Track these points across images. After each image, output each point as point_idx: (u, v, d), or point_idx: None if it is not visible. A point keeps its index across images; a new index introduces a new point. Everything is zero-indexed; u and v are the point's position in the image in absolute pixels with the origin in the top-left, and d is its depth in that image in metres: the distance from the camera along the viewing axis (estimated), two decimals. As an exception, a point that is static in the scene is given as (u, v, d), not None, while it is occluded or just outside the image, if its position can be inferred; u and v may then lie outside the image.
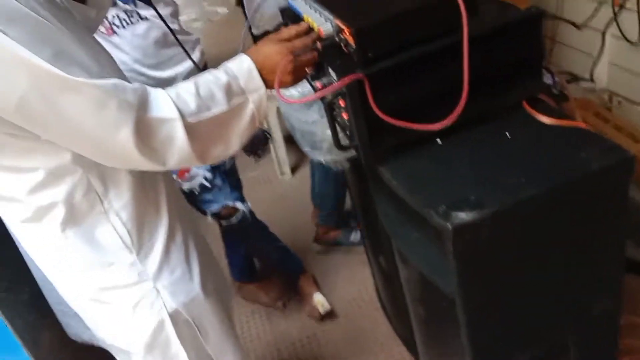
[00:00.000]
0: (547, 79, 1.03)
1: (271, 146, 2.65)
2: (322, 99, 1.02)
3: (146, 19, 1.44)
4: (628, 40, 1.78)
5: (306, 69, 0.99)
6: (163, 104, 0.84)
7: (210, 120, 0.88)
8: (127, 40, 1.43)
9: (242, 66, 0.93)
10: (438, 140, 0.98)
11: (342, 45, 0.94)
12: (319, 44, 0.96)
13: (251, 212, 1.83)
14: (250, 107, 0.93)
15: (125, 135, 0.79)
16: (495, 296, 0.91)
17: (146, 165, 0.84)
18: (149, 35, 1.45)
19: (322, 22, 1.01)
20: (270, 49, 0.95)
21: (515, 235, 0.85)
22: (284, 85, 0.96)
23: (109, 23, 1.41)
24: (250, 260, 2.15)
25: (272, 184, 2.72)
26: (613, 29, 1.85)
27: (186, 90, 0.88)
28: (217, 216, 1.82)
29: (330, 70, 0.97)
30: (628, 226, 0.92)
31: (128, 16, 1.43)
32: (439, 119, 0.94)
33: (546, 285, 0.93)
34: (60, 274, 0.97)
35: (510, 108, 0.99)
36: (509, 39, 0.92)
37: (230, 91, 0.90)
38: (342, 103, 0.96)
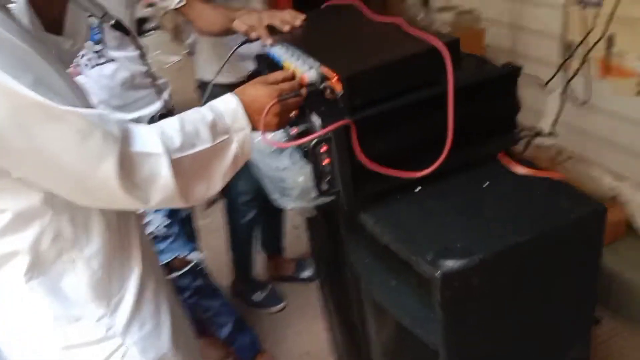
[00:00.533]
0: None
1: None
2: (301, 144, 1.02)
3: (114, 60, 1.41)
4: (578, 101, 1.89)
5: (291, 114, 0.99)
6: (147, 139, 0.81)
7: (194, 157, 0.85)
8: (94, 80, 1.38)
9: (228, 105, 0.91)
10: (418, 188, 0.99)
11: (328, 91, 0.95)
12: (303, 90, 0.95)
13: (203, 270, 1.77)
14: (234, 147, 0.91)
15: (108, 169, 0.75)
16: (479, 345, 0.90)
17: (128, 202, 0.80)
18: (116, 76, 1.42)
19: (305, 69, 1.01)
20: (258, 91, 0.94)
21: (501, 283, 0.86)
22: (269, 128, 0.96)
23: (76, 62, 1.37)
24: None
25: (223, 232, 2.65)
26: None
27: (171, 126, 0.85)
28: (167, 267, 1.74)
29: (314, 116, 0.96)
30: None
31: (97, 56, 1.39)
32: (419, 167, 0.96)
33: (526, 332, 0.94)
34: (21, 331, 0.88)
35: (486, 159, 1.02)
36: (487, 93, 0.96)
37: (215, 129, 0.88)
38: (323, 148, 0.96)
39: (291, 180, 1.29)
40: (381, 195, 0.98)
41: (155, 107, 1.46)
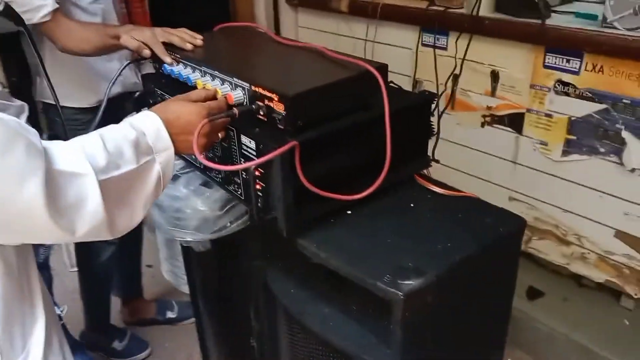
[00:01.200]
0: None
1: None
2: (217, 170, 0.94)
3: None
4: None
5: (219, 135, 0.91)
6: (72, 156, 0.69)
7: (119, 179, 0.74)
8: None
9: (149, 123, 0.81)
10: (349, 211, 0.98)
11: (261, 112, 0.89)
12: (235, 110, 0.88)
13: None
14: (157, 169, 0.81)
15: (33, 190, 0.62)
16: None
17: (51, 233, 0.66)
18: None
19: (226, 89, 0.95)
20: (182, 108, 0.85)
21: (450, 298, 0.88)
22: (199, 149, 0.86)
23: None
24: None
25: (61, 277, 2.31)
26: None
27: (92, 144, 0.73)
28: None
29: (246, 138, 0.90)
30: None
31: None
32: (351, 190, 0.95)
33: (460, 346, 0.97)
34: None
35: (405, 181, 1.06)
36: (409, 117, 1.00)
37: (138, 148, 0.78)
38: (257, 172, 0.90)
39: (190, 211, 1.18)
40: (316, 220, 0.94)
41: None
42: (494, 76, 1.83)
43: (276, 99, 0.85)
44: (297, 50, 1.07)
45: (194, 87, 1.01)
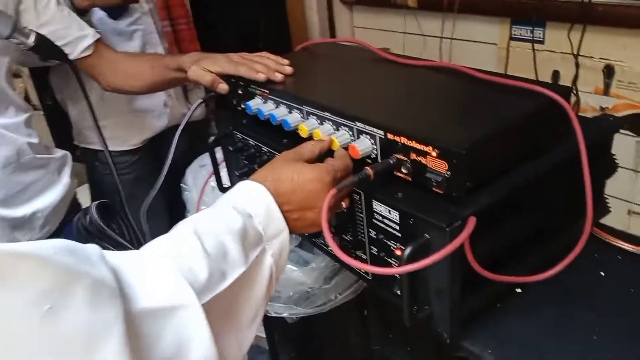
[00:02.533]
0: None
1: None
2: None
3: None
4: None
5: (343, 203, 0.66)
6: (161, 279, 0.47)
7: (224, 294, 0.51)
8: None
9: (256, 199, 0.58)
10: (518, 289, 0.72)
11: (403, 170, 0.63)
12: (369, 170, 0.63)
13: None
14: (268, 263, 0.57)
15: (110, 354, 0.39)
16: None
17: None
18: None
19: (343, 136, 0.69)
20: (299, 176, 0.61)
21: None
22: (320, 224, 0.62)
23: None
24: None
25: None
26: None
27: (186, 248, 0.51)
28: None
29: (381, 206, 0.64)
30: None
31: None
32: (522, 261, 0.69)
33: None
34: None
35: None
36: (592, 154, 0.73)
37: (246, 240, 0.55)
38: (399, 252, 0.65)
39: (285, 281, 0.94)
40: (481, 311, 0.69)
41: (56, 194, 0.99)
42: (608, 71, 1.53)
43: (434, 154, 0.59)
44: (428, 73, 0.80)
45: (293, 133, 0.76)
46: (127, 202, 1.13)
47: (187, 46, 1.59)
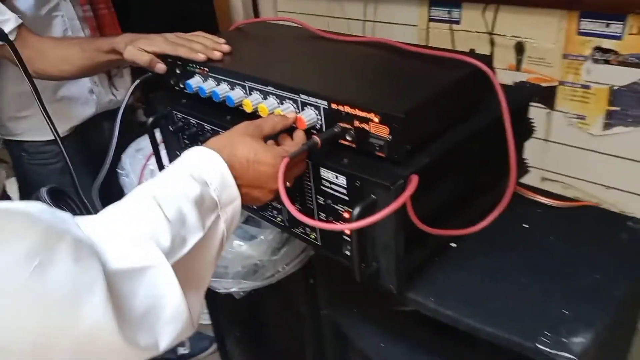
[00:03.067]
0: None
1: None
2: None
3: None
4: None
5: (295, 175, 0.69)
6: (130, 242, 0.49)
7: (185, 259, 0.53)
8: None
9: (211, 167, 0.60)
10: (453, 244, 0.79)
11: (347, 137, 0.68)
12: (317, 138, 0.66)
13: None
14: (221, 229, 0.60)
15: (97, 309, 0.42)
16: None
17: (130, 355, 0.46)
18: None
19: (287, 109, 0.72)
20: (255, 155, 0.63)
21: (606, 354, 0.70)
22: (265, 201, 0.65)
23: None
24: None
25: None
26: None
27: (149, 215, 0.53)
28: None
29: (329, 173, 0.68)
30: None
31: None
32: (458, 218, 0.76)
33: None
34: None
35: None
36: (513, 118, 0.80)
37: (202, 207, 0.57)
38: (347, 215, 0.69)
39: (230, 258, 0.96)
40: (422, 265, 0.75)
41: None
42: (519, 48, 1.65)
43: (376, 120, 0.63)
44: (362, 48, 0.84)
45: (236, 109, 0.78)
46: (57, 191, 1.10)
47: (109, 31, 1.54)
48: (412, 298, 0.71)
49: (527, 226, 0.81)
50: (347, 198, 0.68)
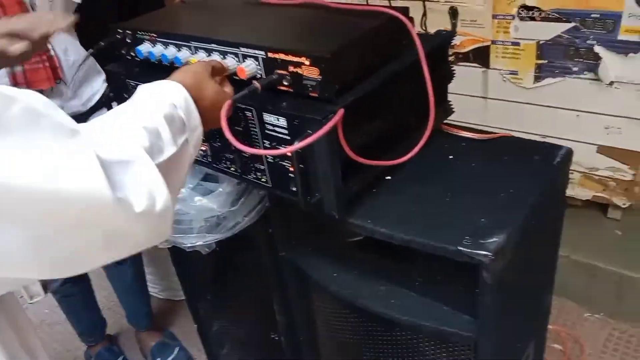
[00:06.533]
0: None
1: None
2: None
3: None
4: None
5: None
6: (111, 139, 0.56)
7: (161, 167, 0.59)
8: None
9: (175, 92, 0.66)
10: (388, 177, 0.89)
11: (284, 82, 0.76)
12: (257, 84, 0.75)
13: None
14: (190, 152, 0.67)
15: (103, 186, 0.49)
16: (508, 323, 0.85)
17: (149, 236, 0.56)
18: None
19: (230, 62, 0.81)
20: (210, 82, 0.71)
21: (524, 248, 0.81)
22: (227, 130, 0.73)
23: None
24: None
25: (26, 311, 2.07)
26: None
27: (128, 122, 0.60)
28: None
29: (271, 116, 0.77)
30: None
31: None
32: (388, 152, 0.86)
33: (529, 297, 0.92)
34: None
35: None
36: (432, 62, 0.90)
37: (173, 126, 0.64)
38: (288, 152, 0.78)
39: (194, 212, 1.04)
40: (359, 193, 0.84)
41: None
42: (453, 13, 1.77)
43: (307, 63, 0.72)
44: (297, 8, 0.93)
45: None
46: None
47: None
48: (352, 222, 0.81)
49: (452, 157, 0.92)
50: (289, 137, 0.77)
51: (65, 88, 1.27)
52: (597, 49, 1.54)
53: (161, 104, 0.63)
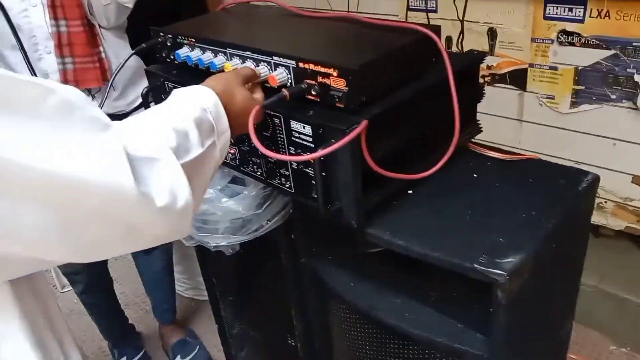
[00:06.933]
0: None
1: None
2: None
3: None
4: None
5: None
6: (140, 136, 0.58)
7: (187, 168, 0.62)
8: None
9: (207, 97, 0.70)
10: (410, 190, 0.90)
11: (312, 92, 0.79)
12: (285, 92, 0.78)
13: None
14: (216, 155, 0.70)
15: (129, 179, 0.52)
16: (522, 344, 0.84)
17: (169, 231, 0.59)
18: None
19: (262, 70, 0.84)
20: (237, 90, 0.75)
21: (543, 270, 0.81)
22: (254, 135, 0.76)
23: None
24: None
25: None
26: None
27: (158, 122, 0.63)
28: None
29: (297, 124, 0.80)
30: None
31: None
32: (412, 167, 0.87)
33: (547, 319, 0.91)
34: None
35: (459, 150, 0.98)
36: (461, 81, 0.91)
37: (202, 128, 0.67)
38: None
39: (221, 213, 1.07)
40: (380, 205, 0.86)
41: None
42: (492, 34, 1.77)
43: (335, 74, 0.74)
44: (331, 21, 0.96)
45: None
46: None
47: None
48: (371, 232, 0.82)
49: (476, 176, 0.92)
50: (313, 145, 0.79)
51: (112, 89, 1.34)
52: (637, 77, 1.51)
53: (192, 107, 0.67)
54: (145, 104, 1.03)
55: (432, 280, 0.90)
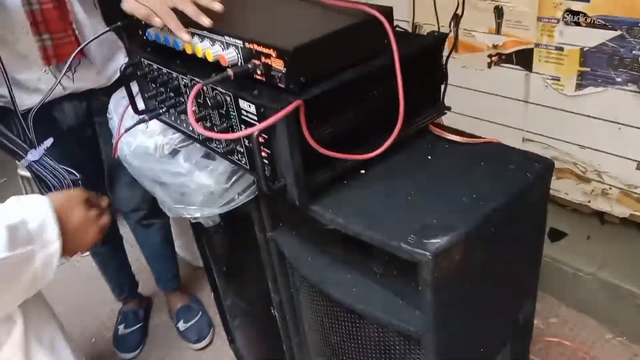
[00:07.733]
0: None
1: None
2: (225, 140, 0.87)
3: None
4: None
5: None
6: None
7: None
8: None
9: (36, 209, 0.77)
10: (362, 170, 0.92)
11: (258, 72, 0.81)
12: (230, 71, 0.81)
13: None
14: (36, 264, 0.76)
15: None
16: (459, 323, 0.86)
17: None
18: None
19: (216, 49, 0.87)
20: (80, 209, 0.87)
21: (479, 252, 0.82)
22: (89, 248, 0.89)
23: None
24: None
25: (72, 264, 2.28)
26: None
27: None
28: None
29: (244, 103, 0.83)
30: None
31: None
32: (364, 148, 0.88)
33: (492, 300, 0.92)
34: None
35: (418, 132, 0.98)
36: (420, 63, 0.92)
37: (16, 235, 0.73)
38: (261, 139, 0.83)
39: (195, 186, 1.12)
40: (327, 184, 0.88)
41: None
42: (498, 12, 1.73)
43: (274, 54, 0.77)
44: (294, 3, 0.97)
45: (183, 52, 0.93)
46: None
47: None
48: (314, 209, 0.85)
49: (431, 158, 0.93)
50: (257, 124, 0.82)
51: (91, 64, 1.39)
52: (643, 59, 1.46)
53: (14, 214, 0.74)
54: (125, 82, 1.08)
55: (380, 258, 0.92)
